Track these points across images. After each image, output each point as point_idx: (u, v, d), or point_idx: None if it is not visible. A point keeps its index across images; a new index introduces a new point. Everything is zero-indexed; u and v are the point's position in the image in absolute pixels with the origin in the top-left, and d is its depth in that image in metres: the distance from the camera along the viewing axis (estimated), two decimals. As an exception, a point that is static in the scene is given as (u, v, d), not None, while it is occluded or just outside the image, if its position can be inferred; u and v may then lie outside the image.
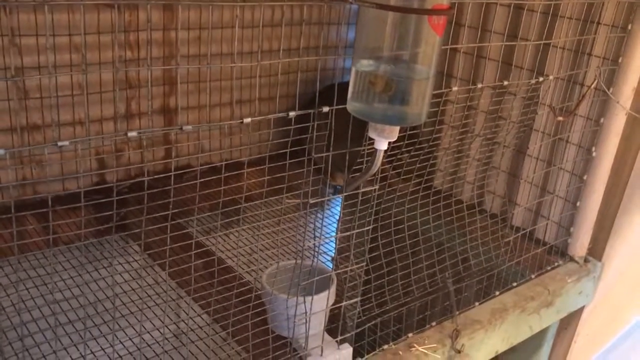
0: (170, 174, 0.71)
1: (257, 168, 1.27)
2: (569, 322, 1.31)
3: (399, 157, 1.02)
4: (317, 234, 0.80)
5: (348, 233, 0.79)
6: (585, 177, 1.19)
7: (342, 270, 0.86)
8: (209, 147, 1.39)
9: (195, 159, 1.42)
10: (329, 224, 1.17)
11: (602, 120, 1.15)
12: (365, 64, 0.66)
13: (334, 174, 1.39)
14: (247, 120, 0.63)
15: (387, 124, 0.68)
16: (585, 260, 1.25)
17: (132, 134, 0.56)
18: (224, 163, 0.68)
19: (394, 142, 0.71)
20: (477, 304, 1.08)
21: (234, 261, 1.08)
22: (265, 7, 1.35)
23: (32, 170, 1.17)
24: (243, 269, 1.06)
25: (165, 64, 1.28)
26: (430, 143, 1.07)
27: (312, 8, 1.40)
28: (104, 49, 1.18)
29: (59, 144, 0.50)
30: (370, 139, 0.70)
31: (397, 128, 0.68)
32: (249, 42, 1.36)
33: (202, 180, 0.81)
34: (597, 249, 1.26)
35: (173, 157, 0.99)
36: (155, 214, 0.82)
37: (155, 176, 0.69)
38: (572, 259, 1.24)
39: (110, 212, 0.85)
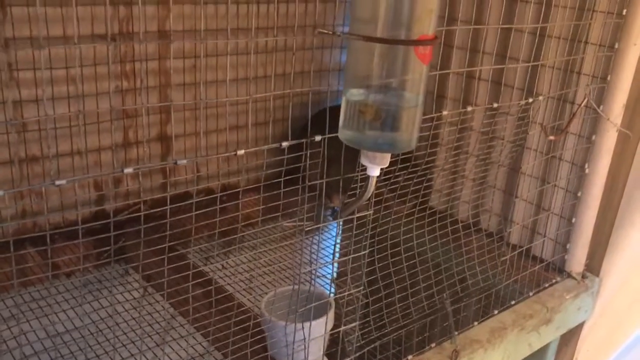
0: (167, 204, 0.72)
1: (254, 195, 1.28)
2: (570, 339, 1.32)
3: (393, 180, 1.04)
4: (314, 259, 0.80)
5: (344, 258, 0.80)
6: (579, 194, 1.21)
7: (340, 294, 0.87)
8: (206, 173, 1.41)
9: (193, 185, 1.43)
10: (327, 247, 1.18)
11: (593, 137, 1.16)
12: (355, 93, 0.67)
13: (331, 196, 1.40)
14: (241, 152, 0.64)
15: (378, 151, 0.69)
16: (583, 276, 1.26)
17: (128, 170, 0.57)
18: (218, 195, 0.69)
19: (390, 164, 0.73)
20: (476, 323, 1.09)
21: (233, 287, 1.09)
22: (259, 34, 1.37)
23: (31, 202, 1.18)
24: (243, 295, 1.07)
25: (161, 92, 1.30)
26: (425, 164, 1.09)
27: (305, 35, 1.43)
28: (101, 80, 1.20)
29: (57, 182, 0.52)
30: (363, 165, 0.71)
31: (389, 155, 0.70)
32: (244, 68, 1.38)
33: (201, 207, 0.82)
34: (594, 265, 1.27)
35: (168, 191, 1.00)
36: (154, 243, 0.83)
37: (151, 211, 0.70)
38: (569, 275, 1.25)
39: (109, 244, 0.86)
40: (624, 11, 1.08)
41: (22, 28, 1.09)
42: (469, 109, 0.93)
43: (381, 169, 0.70)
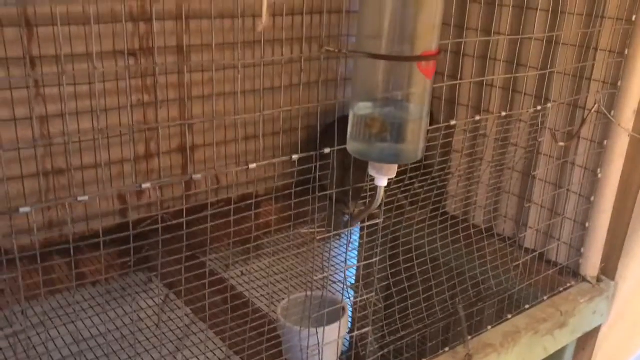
0: (188, 214, 0.76)
1: (272, 204, 1.32)
2: (586, 342, 1.32)
3: (407, 185, 1.06)
4: (327, 265, 0.83)
5: (354, 265, 0.83)
6: (592, 198, 1.22)
7: (354, 300, 0.89)
8: (226, 182, 1.45)
9: (213, 195, 1.47)
10: (341, 254, 1.21)
11: (605, 142, 1.17)
12: (362, 107, 0.70)
13: (346, 202, 1.43)
14: (253, 166, 0.67)
15: (385, 163, 0.72)
16: (598, 280, 1.26)
17: (146, 185, 0.61)
18: (232, 207, 0.73)
19: (405, 170, 0.75)
20: (489, 327, 1.10)
21: (251, 294, 1.12)
22: (266, 47, 1.40)
23: (58, 213, 1.23)
24: (261, 301, 1.10)
25: (181, 105, 1.34)
26: (439, 170, 1.11)
27: (311, 44, 1.45)
28: (123, 94, 1.25)
29: (79, 198, 0.55)
30: (371, 176, 0.74)
31: (396, 166, 0.72)
32: (251, 81, 1.41)
33: (219, 217, 0.85)
34: (609, 268, 1.27)
35: (184, 204, 1.04)
36: (175, 252, 0.87)
37: (171, 222, 0.74)
38: (584, 279, 1.26)
39: (133, 251, 0.90)
40: (634, 17, 1.09)
41: (47, 47, 1.14)
42: (477, 118, 0.95)
43: (396, 175, 0.73)
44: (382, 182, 0.73)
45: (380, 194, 0.73)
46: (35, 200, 1.20)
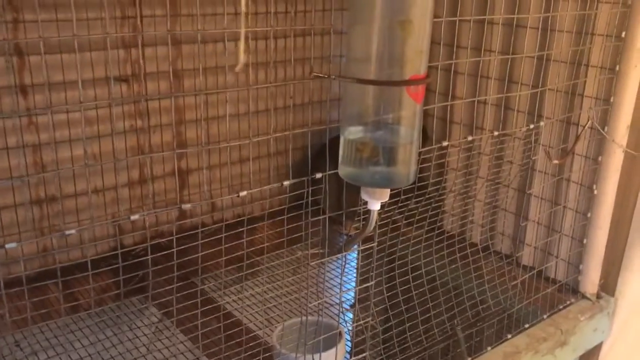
0: (182, 236, 0.75)
1: (268, 225, 1.31)
2: (589, 359, 1.31)
3: (402, 204, 1.05)
4: (323, 289, 0.82)
5: (354, 288, 0.82)
6: (589, 215, 1.21)
7: (352, 324, 0.88)
8: (221, 204, 1.44)
9: (208, 217, 1.46)
10: (338, 276, 1.20)
11: (600, 158, 1.17)
12: (353, 131, 0.70)
13: (344, 223, 1.42)
14: (243, 193, 0.67)
15: (377, 187, 0.71)
16: (598, 297, 1.25)
17: (135, 217, 0.60)
18: (223, 226, 0.72)
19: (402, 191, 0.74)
20: (489, 348, 1.09)
21: (247, 319, 1.11)
22: (260, 69, 1.40)
23: (51, 240, 1.22)
24: (257, 326, 1.09)
25: (175, 129, 1.34)
26: (435, 189, 1.10)
27: (304, 65, 1.46)
28: (116, 120, 1.24)
29: (67, 233, 0.55)
30: (364, 200, 0.73)
31: (388, 190, 0.72)
32: (245, 103, 1.41)
33: (213, 239, 0.85)
34: (609, 285, 1.26)
35: (174, 234, 1.03)
36: (171, 275, 0.86)
37: (163, 252, 0.73)
38: (584, 296, 1.25)
39: (128, 277, 0.89)
40: (623, 34, 1.10)
41: (39, 75, 1.14)
42: (469, 138, 0.95)
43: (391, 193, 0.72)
44: (375, 206, 0.72)
45: (374, 217, 0.72)
46: (28, 229, 1.19)
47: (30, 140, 1.16)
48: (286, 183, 0.71)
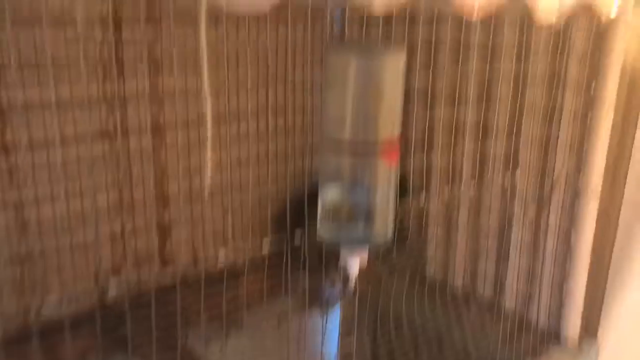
0: (165, 290, 0.75)
1: (252, 278, 1.31)
2: (574, 405, 1.31)
3: (383, 254, 1.06)
4: (304, 348, 0.82)
5: (336, 351, 0.82)
6: (568, 259, 1.23)
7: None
8: (204, 255, 1.44)
9: (192, 269, 1.46)
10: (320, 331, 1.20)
11: (575, 203, 1.19)
12: (329, 194, 0.71)
13: (331, 277, 1.42)
14: (221, 255, 0.67)
15: (356, 247, 0.72)
16: (580, 341, 1.26)
17: (112, 293, 0.60)
18: (202, 283, 0.72)
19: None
20: (474, 398, 1.09)
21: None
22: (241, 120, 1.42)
23: (32, 298, 1.21)
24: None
25: (156, 182, 1.35)
26: (415, 238, 1.12)
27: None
28: (98, 175, 1.25)
29: (44, 309, 0.55)
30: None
31: (366, 250, 0.73)
32: (226, 152, 1.42)
33: (197, 292, 0.85)
34: (591, 329, 1.27)
35: (152, 292, 1.03)
36: (157, 330, 0.86)
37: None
38: (566, 341, 1.26)
39: (111, 331, 0.89)
40: (593, 84, 1.13)
41: (22, 132, 1.15)
42: (445, 193, 0.96)
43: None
44: (354, 268, 0.73)
45: (353, 280, 0.74)
46: (9, 288, 1.18)
47: (13, 197, 1.17)
48: (265, 250, 0.72)
